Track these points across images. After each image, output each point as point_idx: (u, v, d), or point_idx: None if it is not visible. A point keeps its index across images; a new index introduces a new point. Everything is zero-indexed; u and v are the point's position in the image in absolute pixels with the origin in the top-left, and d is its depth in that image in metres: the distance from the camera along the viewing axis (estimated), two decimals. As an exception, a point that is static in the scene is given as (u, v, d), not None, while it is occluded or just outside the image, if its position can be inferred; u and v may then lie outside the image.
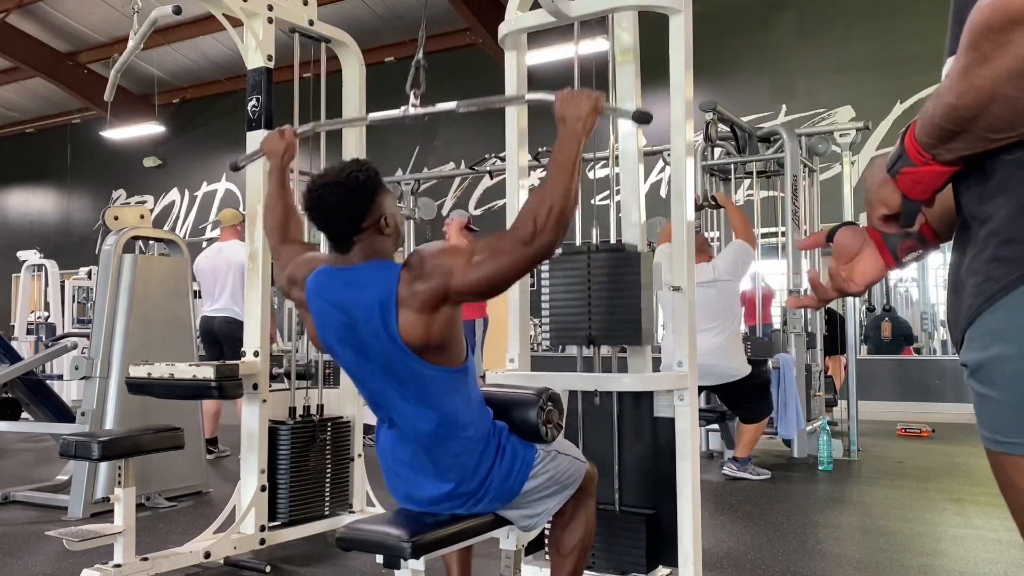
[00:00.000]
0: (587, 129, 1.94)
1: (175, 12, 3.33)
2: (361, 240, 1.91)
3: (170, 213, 14.31)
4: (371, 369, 1.94)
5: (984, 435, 0.96)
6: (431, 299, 1.83)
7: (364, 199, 1.89)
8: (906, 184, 1.03)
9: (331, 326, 1.95)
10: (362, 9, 11.25)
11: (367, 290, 1.87)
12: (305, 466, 3.38)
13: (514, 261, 1.84)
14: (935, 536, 3.68)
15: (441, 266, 1.84)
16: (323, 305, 1.95)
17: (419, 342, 1.85)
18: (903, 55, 8.90)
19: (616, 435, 2.72)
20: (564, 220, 1.84)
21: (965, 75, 0.87)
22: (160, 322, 4.46)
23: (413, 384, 1.90)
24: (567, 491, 2.11)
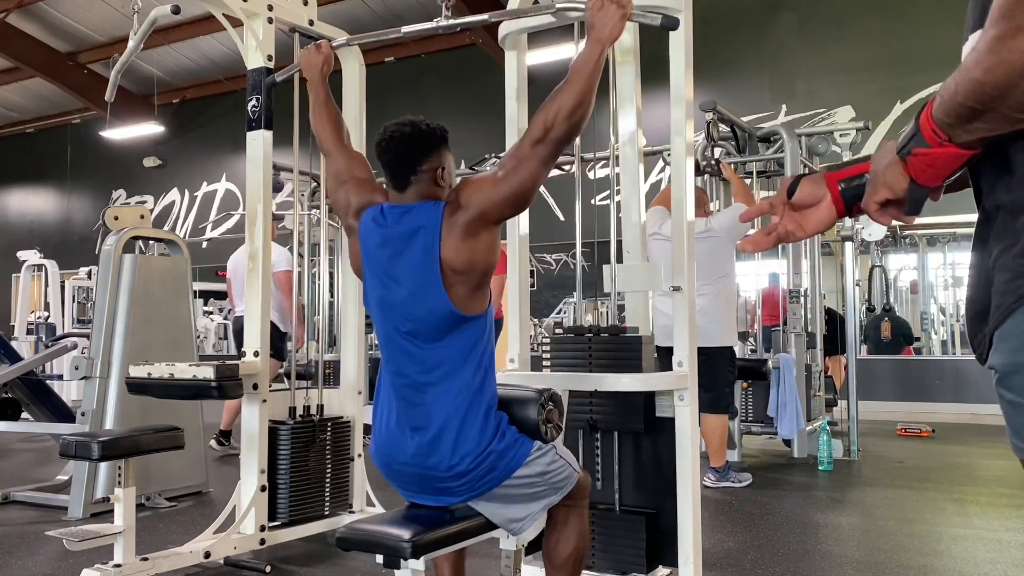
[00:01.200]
0: (613, 36, 2.03)
1: (174, 12, 3.33)
2: (417, 182, 2.01)
3: (170, 213, 14.31)
4: (398, 301, 1.98)
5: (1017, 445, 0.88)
6: (471, 226, 1.93)
7: (430, 144, 2.02)
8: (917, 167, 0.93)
9: (374, 256, 2.03)
10: (362, 9, 11.25)
11: (416, 221, 1.96)
12: (305, 466, 3.38)
13: (533, 163, 1.94)
14: (935, 536, 3.68)
15: (473, 196, 1.95)
16: (372, 236, 2.03)
17: (461, 265, 1.92)
18: (903, 55, 8.90)
19: (616, 435, 2.72)
20: (576, 116, 1.93)
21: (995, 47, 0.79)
22: (160, 322, 4.46)
23: (433, 316, 1.94)
24: (555, 496, 2.08)
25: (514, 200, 1.97)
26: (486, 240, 1.96)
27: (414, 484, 2.03)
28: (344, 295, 3.80)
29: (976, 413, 7.79)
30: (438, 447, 1.94)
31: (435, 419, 1.95)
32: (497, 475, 1.97)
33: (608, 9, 2.02)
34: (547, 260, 11.07)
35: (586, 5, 2.07)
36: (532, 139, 1.94)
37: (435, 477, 1.97)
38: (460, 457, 1.93)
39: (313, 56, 2.56)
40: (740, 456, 5.42)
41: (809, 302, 5.83)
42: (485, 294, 2.01)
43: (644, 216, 2.92)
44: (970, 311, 0.96)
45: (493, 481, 1.97)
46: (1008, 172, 0.87)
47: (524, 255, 2.88)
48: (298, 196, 4.07)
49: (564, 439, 2.52)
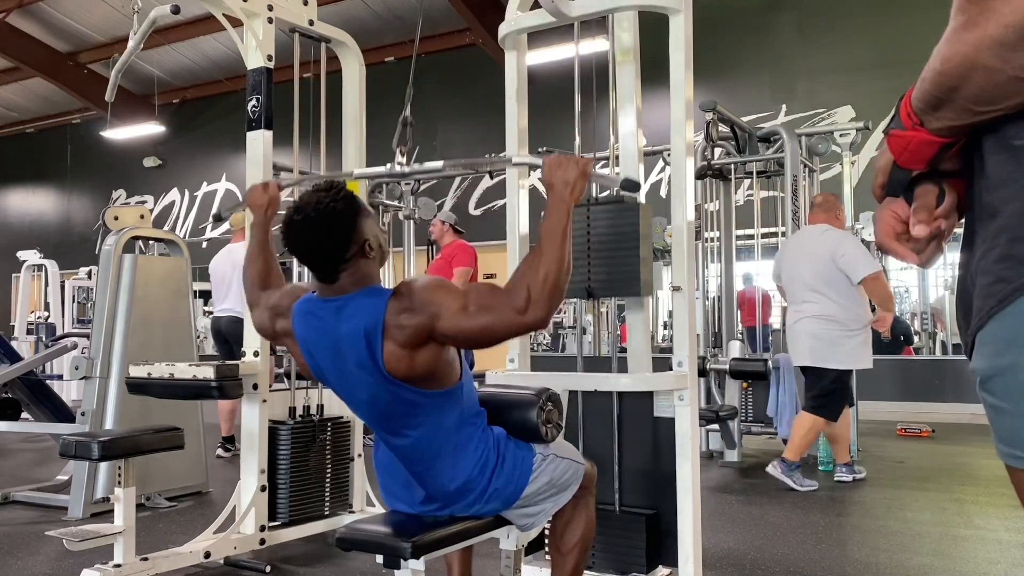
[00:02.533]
0: (575, 196, 1.93)
1: (173, 12, 3.33)
2: (347, 268, 1.86)
3: (170, 213, 14.31)
4: (360, 398, 1.94)
5: (1001, 449, 0.88)
6: (415, 335, 1.80)
7: (344, 229, 1.83)
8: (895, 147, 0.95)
9: (319, 355, 1.93)
10: (362, 9, 11.25)
11: (355, 320, 1.83)
12: (305, 466, 3.38)
13: (505, 324, 1.81)
14: (935, 536, 3.68)
15: (430, 303, 1.80)
16: (311, 335, 1.93)
17: (404, 374, 1.83)
18: (903, 55, 8.90)
19: (616, 435, 2.72)
20: (558, 291, 1.81)
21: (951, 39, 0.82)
22: (160, 322, 4.46)
23: (402, 410, 1.90)
24: (566, 493, 2.11)
25: (471, 338, 1.84)
26: (429, 354, 1.83)
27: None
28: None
29: (976, 413, 7.78)
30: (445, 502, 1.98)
31: (436, 484, 1.97)
32: (507, 497, 2.01)
33: (567, 167, 1.93)
34: (547, 260, 11.07)
35: (542, 163, 1.97)
36: (514, 306, 1.79)
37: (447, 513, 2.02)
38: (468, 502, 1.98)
39: (259, 196, 2.47)
40: (740, 456, 5.42)
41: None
42: (450, 373, 1.91)
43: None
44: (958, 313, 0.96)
45: (503, 506, 2.03)
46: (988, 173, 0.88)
47: (524, 255, 2.87)
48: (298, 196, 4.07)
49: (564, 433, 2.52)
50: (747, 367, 5.44)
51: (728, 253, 6.27)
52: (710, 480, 4.90)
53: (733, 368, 5.47)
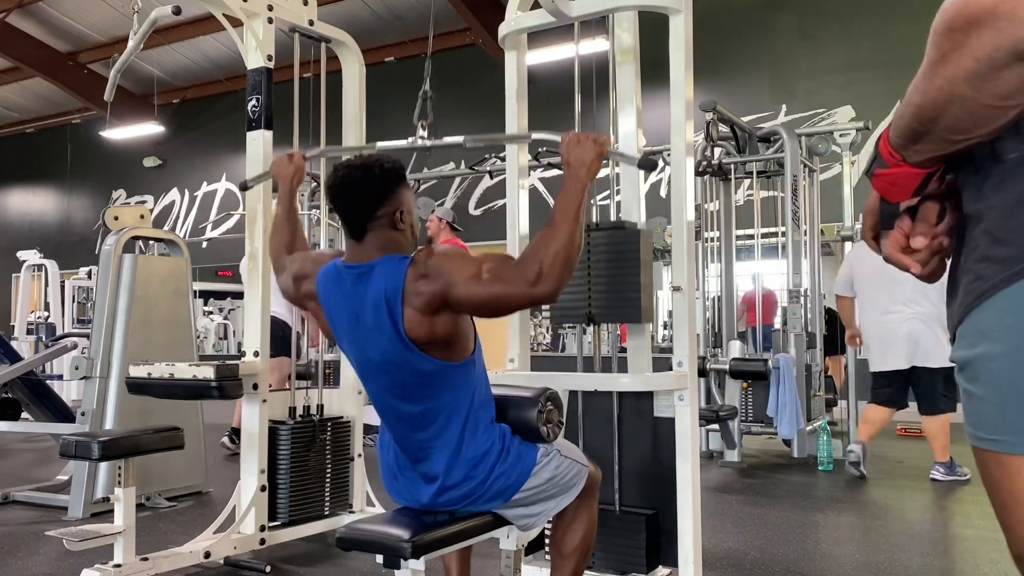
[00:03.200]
0: (591, 174, 1.97)
1: (175, 12, 3.33)
2: (375, 229, 1.92)
3: (170, 213, 14.31)
4: (376, 363, 1.95)
5: (968, 431, 0.98)
6: (431, 301, 1.84)
7: (384, 186, 1.92)
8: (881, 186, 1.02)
9: (340, 319, 1.98)
10: (362, 9, 11.25)
11: (377, 285, 1.88)
12: (305, 466, 3.38)
13: (516, 295, 1.85)
14: (935, 536, 3.68)
15: (446, 270, 1.84)
16: (333, 299, 1.98)
17: (423, 338, 1.87)
18: (903, 55, 8.89)
19: (616, 435, 2.72)
20: (569, 266, 1.86)
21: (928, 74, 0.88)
22: (160, 322, 4.46)
23: (417, 379, 1.92)
24: (567, 494, 2.09)
25: (483, 306, 1.87)
26: (446, 320, 1.87)
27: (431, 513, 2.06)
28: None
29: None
30: (447, 486, 1.96)
31: (440, 464, 1.96)
32: (507, 493, 1.99)
33: (584, 145, 1.96)
34: (547, 260, 11.07)
35: (560, 140, 2.01)
36: (526, 277, 1.83)
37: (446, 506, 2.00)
38: (470, 490, 1.96)
39: (284, 167, 2.53)
40: (740, 456, 5.42)
41: (809, 302, 5.83)
42: (468, 337, 1.95)
43: (644, 216, 2.91)
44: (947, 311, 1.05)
45: (504, 498, 2.00)
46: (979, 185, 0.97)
47: (524, 255, 2.87)
48: (298, 196, 4.07)
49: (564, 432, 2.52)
50: (747, 367, 5.44)
51: (728, 253, 6.27)
52: (710, 480, 4.90)
53: (733, 368, 5.48)
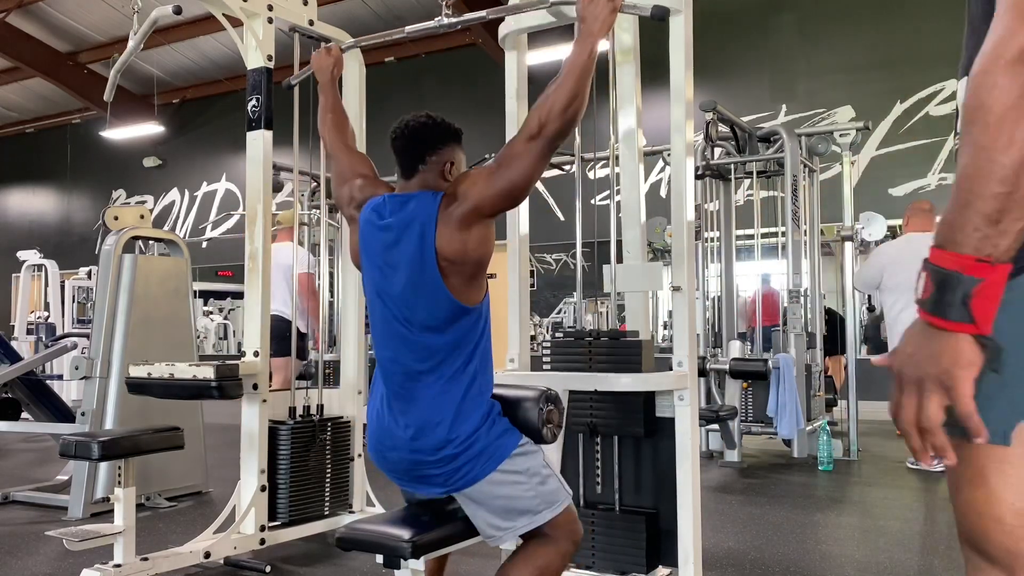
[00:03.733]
0: (604, 29, 2.06)
1: (175, 12, 3.33)
2: (423, 172, 2.03)
3: (170, 213, 14.31)
4: (395, 293, 1.98)
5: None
6: (465, 218, 1.94)
7: (443, 137, 2.05)
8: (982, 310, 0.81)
9: (372, 244, 2.04)
10: (362, 9, 11.25)
11: (413, 211, 1.97)
12: (305, 466, 3.38)
13: (527, 159, 1.94)
14: (935, 536, 3.68)
15: (469, 189, 1.96)
16: (371, 226, 2.04)
17: (452, 257, 1.93)
18: (903, 55, 8.90)
19: (616, 437, 2.71)
20: (570, 112, 1.94)
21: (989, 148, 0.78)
22: (160, 322, 4.46)
23: (429, 311, 1.95)
24: (539, 514, 1.96)
25: (508, 195, 1.97)
26: (479, 232, 1.96)
27: (404, 472, 2.02)
28: (344, 295, 3.80)
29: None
30: (426, 433, 1.93)
31: (426, 406, 1.95)
32: (483, 464, 1.94)
33: (598, 2, 2.04)
34: (547, 260, 11.07)
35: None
36: (527, 135, 1.94)
37: (422, 463, 1.95)
38: (447, 441, 1.92)
39: (324, 59, 2.60)
40: (740, 456, 5.42)
41: (809, 302, 5.83)
42: (481, 285, 2.02)
43: (644, 216, 2.91)
44: None
45: (478, 471, 1.93)
46: None
47: (524, 255, 2.88)
48: (298, 196, 4.07)
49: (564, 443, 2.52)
50: (747, 367, 5.45)
51: (728, 253, 6.27)
52: (710, 480, 4.90)
53: (733, 368, 5.48)
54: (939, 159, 8.67)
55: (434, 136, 2.05)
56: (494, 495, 1.95)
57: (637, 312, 2.97)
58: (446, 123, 2.08)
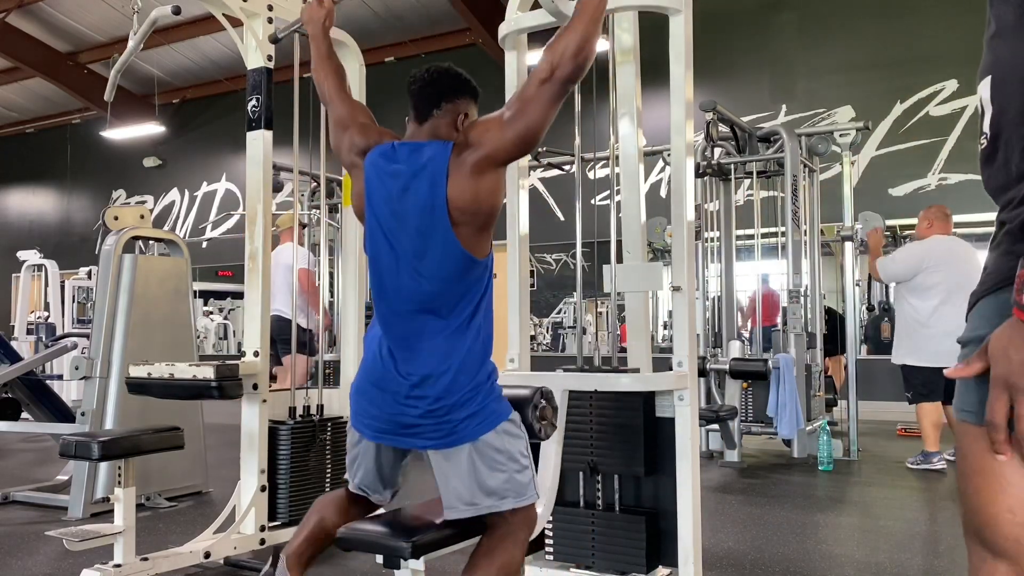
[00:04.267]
0: None
1: (175, 12, 3.33)
2: (436, 119, 2.02)
3: (170, 213, 14.30)
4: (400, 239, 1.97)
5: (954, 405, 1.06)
6: (476, 165, 1.93)
7: (460, 89, 2.04)
8: None
9: (379, 192, 2.01)
10: (362, 9, 11.25)
11: (424, 158, 1.97)
12: (305, 466, 3.38)
13: (539, 104, 1.94)
14: (935, 536, 3.68)
15: (481, 136, 1.96)
16: (379, 172, 2.02)
17: (465, 204, 1.92)
18: (903, 55, 8.90)
19: (616, 435, 2.71)
20: (582, 56, 1.95)
21: None
22: (160, 322, 4.46)
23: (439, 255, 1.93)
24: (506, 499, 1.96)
25: (521, 141, 1.96)
26: (490, 180, 1.96)
27: (391, 422, 1.98)
28: (344, 295, 3.80)
29: (976, 413, 7.75)
30: (429, 382, 1.92)
31: (430, 357, 1.93)
32: (476, 424, 1.93)
33: None
34: (547, 260, 11.07)
35: None
36: (539, 79, 1.94)
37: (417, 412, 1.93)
38: (447, 391, 1.91)
39: (316, 10, 2.54)
40: (740, 456, 5.42)
41: (809, 302, 5.83)
42: (489, 238, 2.01)
43: (644, 216, 2.91)
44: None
45: (471, 430, 1.93)
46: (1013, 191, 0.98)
47: (524, 255, 2.88)
48: (298, 196, 4.07)
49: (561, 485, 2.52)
50: (747, 367, 5.45)
51: (728, 253, 6.27)
52: (710, 480, 4.90)
53: (733, 368, 5.48)
54: (939, 159, 8.66)
55: (453, 85, 2.04)
56: (472, 466, 1.94)
57: (637, 312, 2.97)
58: (466, 77, 2.08)
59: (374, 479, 2.14)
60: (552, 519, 2.70)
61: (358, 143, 2.14)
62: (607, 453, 2.67)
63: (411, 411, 1.94)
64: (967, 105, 8.56)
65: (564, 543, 2.73)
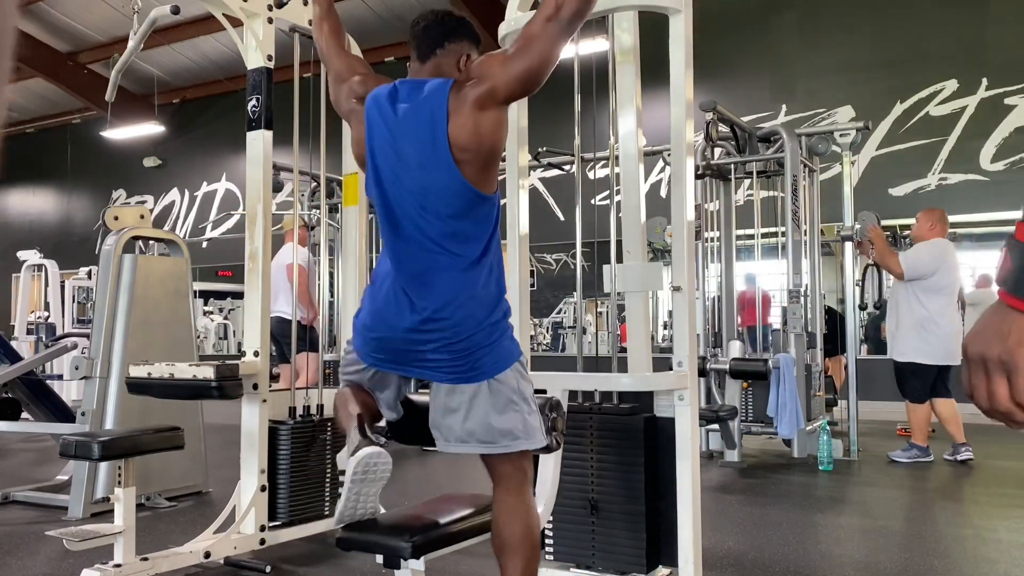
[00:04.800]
0: None
1: (173, 12, 3.33)
2: (438, 57, 2.02)
3: (170, 213, 14.31)
4: (403, 176, 1.95)
5: None
6: (478, 100, 1.91)
7: (465, 32, 2.06)
8: None
9: (379, 130, 2.00)
10: (362, 9, 11.25)
11: (424, 94, 1.96)
12: (305, 466, 3.38)
13: (545, 41, 1.92)
14: (935, 536, 3.68)
15: (484, 71, 1.95)
16: (379, 112, 2.01)
17: (465, 141, 1.90)
18: (903, 55, 8.90)
19: (614, 438, 2.71)
20: None
21: None
22: (160, 322, 4.46)
23: (445, 191, 1.92)
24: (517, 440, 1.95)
25: (525, 78, 1.93)
26: (493, 117, 1.93)
27: (403, 352, 1.96)
28: (344, 295, 3.80)
29: (976, 413, 7.73)
30: (445, 311, 1.91)
31: (446, 288, 1.92)
32: (493, 361, 1.93)
33: None
34: (547, 260, 11.07)
35: None
36: (544, 16, 1.91)
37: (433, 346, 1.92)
38: (463, 322, 1.91)
39: None
40: (740, 456, 5.42)
41: (809, 302, 5.83)
42: (495, 175, 2.00)
43: (644, 216, 2.91)
44: None
45: (487, 366, 1.93)
46: None
47: (524, 255, 2.88)
48: (298, 196, 4.07)
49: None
50: (747, 367, 5.45)
51: (728, 253, 6.27)
52: (710, 480, 4.90)
53: (733, 368, 5.48)
54: (939, 159, 8.66)
55: (458, 28, 2.05)
56: (490, 404, 1.93)
57: (637, 312, 2.97)
58: (469, 21, 2.09)
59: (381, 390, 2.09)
60: (552, 519, 2.70)
61: (356, 90, 2.14)
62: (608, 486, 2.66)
63: (427, 346, 1.93)
64: (967, 105, 8.56)
65: (564, 543, 2.73)
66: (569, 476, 2.66)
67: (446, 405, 1.98)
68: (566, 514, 2.71)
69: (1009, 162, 8.37)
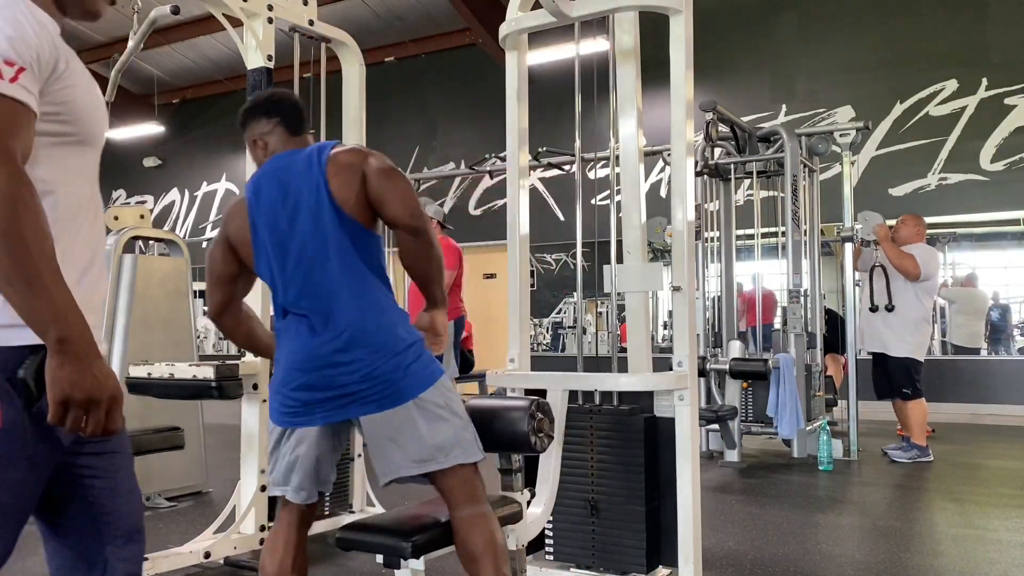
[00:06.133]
0: None
1: (173, 12, 3.33)
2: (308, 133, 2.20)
3: (170, 213, 14.31)
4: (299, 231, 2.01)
5: None
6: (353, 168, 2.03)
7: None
8: None
9: (265, 205, 2.06)
10: (362, 9, 11.24)
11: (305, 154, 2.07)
12: (305, 466, 3.37)
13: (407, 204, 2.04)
14: (935, 536, 3.68)
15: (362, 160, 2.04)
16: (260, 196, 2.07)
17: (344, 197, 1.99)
18: (903, 55, 8.90)
19: (614, 438, 2.71)
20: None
21: None
22: (160, 322, 4.46)
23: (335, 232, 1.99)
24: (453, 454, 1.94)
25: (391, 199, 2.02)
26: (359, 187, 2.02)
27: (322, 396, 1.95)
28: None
29: (976, 413, 7.78)
30: (358, 340, 1.93)
31: (352, 314, 1.96)
32: (414, 380, 1.94)
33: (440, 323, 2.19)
34: (547, 260, 11.06)
35: None
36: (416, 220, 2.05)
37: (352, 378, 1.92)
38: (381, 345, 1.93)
39: None
40: (740, 456, 5.42)
41: (809, 302, 5.83)
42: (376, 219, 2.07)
43: (644, 216, 2.91)
44: None
45: (408, 386, 1.93)
46: None
47: (524, 255, 2.88)
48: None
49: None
50: (747, 367, 5.45)
51: (728, 253, 6.28)
52: (710, 480, 4.90)
53: (733, 368, 5.48)
54: (939, 159, 8.66)
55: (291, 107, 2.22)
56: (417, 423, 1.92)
57: (637, 312, 2.97)
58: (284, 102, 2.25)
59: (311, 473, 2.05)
60: (552, 519, 2.70)
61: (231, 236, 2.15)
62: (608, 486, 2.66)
63: (347, 377, 1.93)
64: (967, 105, 8.56)
65: (564, 543, 2.73)
66: (569, 476, 2.66)
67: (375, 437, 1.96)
68: (566, 514, 2.71)
69: (1009, 162, 8.38)
